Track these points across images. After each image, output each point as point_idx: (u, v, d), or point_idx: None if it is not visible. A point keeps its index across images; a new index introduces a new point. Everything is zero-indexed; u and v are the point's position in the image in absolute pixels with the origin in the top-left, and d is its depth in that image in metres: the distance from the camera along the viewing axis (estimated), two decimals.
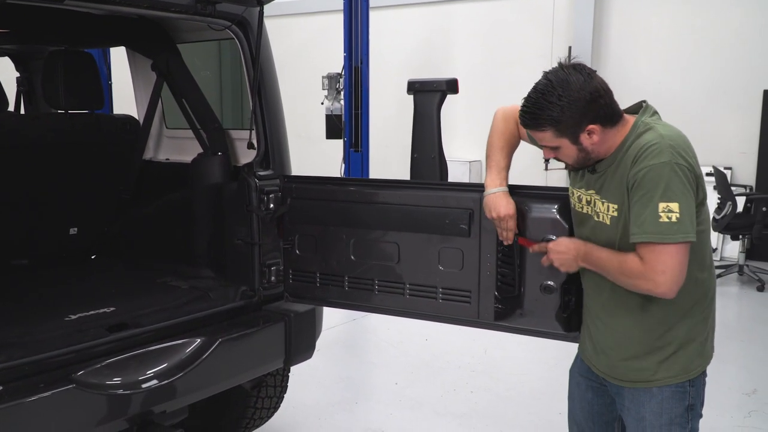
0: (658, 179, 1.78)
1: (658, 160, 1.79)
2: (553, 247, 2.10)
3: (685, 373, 1.99)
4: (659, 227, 1.77)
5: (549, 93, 1.85)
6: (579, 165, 2.00)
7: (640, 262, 1.82)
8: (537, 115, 1.89)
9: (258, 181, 2.96)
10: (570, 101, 1.83)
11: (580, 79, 1.84)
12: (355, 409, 4.21)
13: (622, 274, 1.88)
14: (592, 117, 1.86)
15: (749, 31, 8.07)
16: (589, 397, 2.25)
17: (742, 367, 4.97)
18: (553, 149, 1.96)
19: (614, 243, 1.96)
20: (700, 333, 2.01)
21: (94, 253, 3.89)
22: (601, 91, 1.87)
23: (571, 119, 1.86)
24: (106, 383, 2.36)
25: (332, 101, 8.66)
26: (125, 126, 3.78)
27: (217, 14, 2.85)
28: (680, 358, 1.98)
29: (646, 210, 1.79)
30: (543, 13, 9.27)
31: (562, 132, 1.89)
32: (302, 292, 3.02)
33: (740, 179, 8.28)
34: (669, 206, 1.76)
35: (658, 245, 1.78)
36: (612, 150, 1.94)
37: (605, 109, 1.88)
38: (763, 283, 6.90)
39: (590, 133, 1.88)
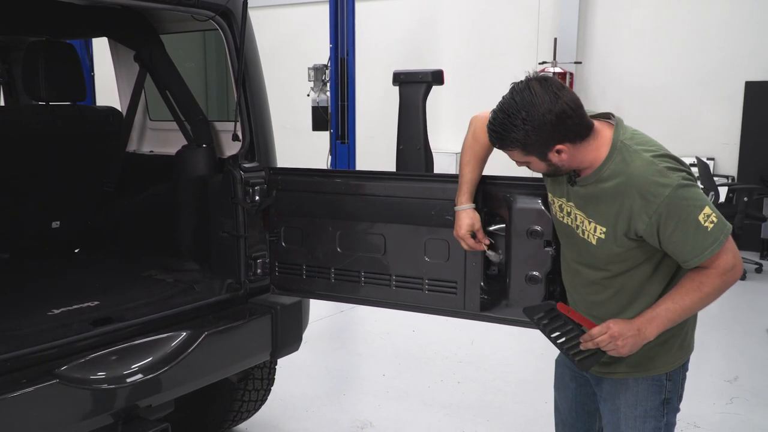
0: (683, 202, 1.78)
1: (669, 188, 1.78)
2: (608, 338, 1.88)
3: (662, 367, 2.00)
4: (710, 236, 1.78)
5: (513, 115, 1.80)
6: (551, 174, 1.99)
7: (712, 272, 1.82)
8: (503, 136, 1.84)
9: (243, 173, 2.94)
10: (535, 125, 1.78)
11: (546, 100, 1.77)
12: (342, 400, 4.22)
13: (708, 296, 1.85)
14: (560, 138, 1.82)
15: (731, 23, 8.13)
16: (572, 387, 2.26)
17: (724, 354, 5.02)
18: (524, 163, 1.94)
19: (600, 262, 1.95)
20: (679, 328, 1.99)
21: (77, 247, 3.85)
22: (569, 111, 1.79)
23: (537, 142, 1.82)
24: (90, 378, 2.34)
25: (318, 93, 8.63)
26: (108, 118, 3.75)
27: (201, 4, 2.82)
28: (657, 351, 1.98)
29: (689, 232, 1.78)
30: (528, 5, 9.27)
31: (529, 152, 1.86)
32: (288, 285, 3.01)
33: (722, 170, 8.35)
34: (705, 213, 1.78)
35: (717, 252, 1.81)
36: (594, 164, 1.89)
37: (573, 128, 1.82)
38: (745, 272, 6.98)
39: (559, 152, 1.85)
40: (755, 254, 7.72)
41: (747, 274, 6.97)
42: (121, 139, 3.76)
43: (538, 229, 2.32)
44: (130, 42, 3.57)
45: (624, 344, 1.85)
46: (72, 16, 3.34)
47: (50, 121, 3.50)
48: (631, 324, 1.86)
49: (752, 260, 7.32)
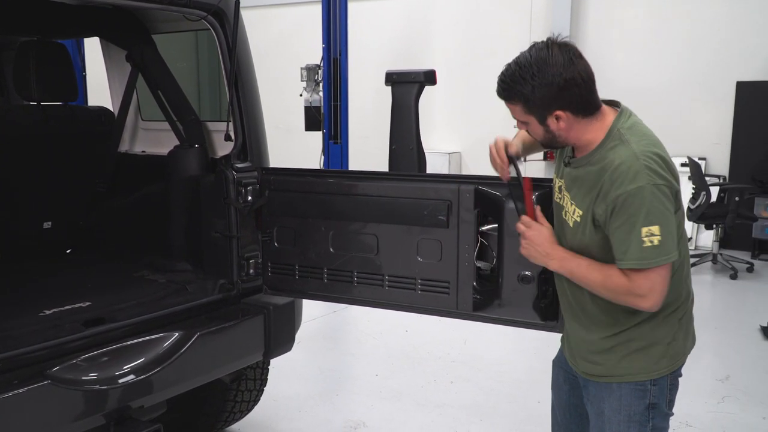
0: (639, 204, 1.77)
1: (635, 185, 1.77)
2: (528, 229, 2.02)
3: (646, 373, 1.96)
4: (643, 253, 1.77)
5: (525, 69, 1.81)
6: (547, 144, 1.98)
7: (626, 279, 1.82)
8: (510, 87, 1.86)
9: (235, 174, 2.94)
10: (542, 83, 1.79)
11: (560, 62, 1.79)
12: (335, 400, 4.22)
13: (606, 288, 1.86)
14: (562, 104, 1.82)
15: (723, 23, 8.17)
16: (565, 389, 2.26)
17: (716, 353, 5.05)
18: (523, 123, 1.94)
19: (573, 246, 1.97)
20: (665, 335, 1.96)
21: (69, 247, 3.83)
22: (579, 79, 1.81)
23: (540, 100, 1.83)
24: (82, 379, 2.34)
25: (311, 93, 8.61)
26: (100, 118, 3.74)
27: (193, 4, 2.82)
28: (641, 356, 1.96)
29: (630, 236, 1.78)
30: (521, 5, 9.29)
31: (530, 110, 1.87)
32: (281, 285, 3.01)
33: (714, 169, 8.39)
34: (651, 230, 1.76)
35: (643, 270, 1.79)
36: (590, 146, 1.90)
37: (578, 99, 1.83)
38: (736, 271, 7.01)
39: (558, 119, 1.85)
40: (746, 254, 7.76)
41: (738, 274, 7.00)
42: (113, 139, 3.75)
43: None
44: (121, 42, 3.56)
45: (528, 253, 2.02)
46: (64, 16, 3.33)
47: (42, 121, 3.48)
48: (547, 245, 1.98)
49: (743, 260, 7.36)
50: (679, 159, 8.46)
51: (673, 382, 2.01)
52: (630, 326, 1.95)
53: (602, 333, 1.98)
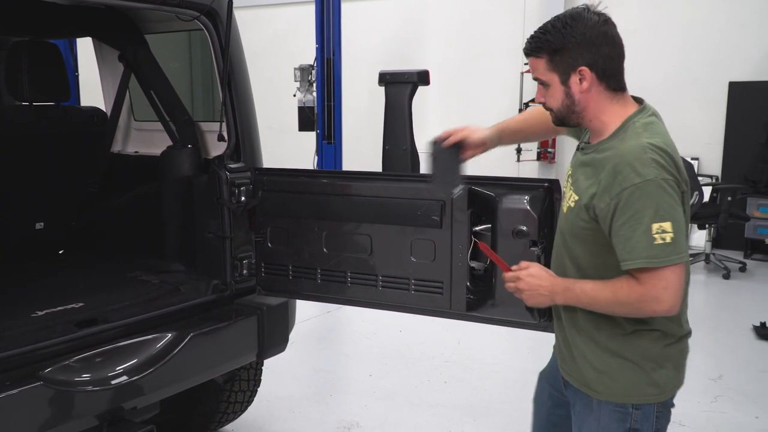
0: (646, 199, 1.66)
1: (642, 178, 1.66)
2: (518, 281, 1.86)
3: (626, 396, 1.84)
4: (653, 250, 1.65)
5: (559, 20, 1.77)
6: (561, 115, 1.87)
7: (636, 284, 1.69)
8: (539, 39, 1.79)
9: (229, 174, 2.93)
10: (574, 32, 1.73)
11: (595, 19, 1.74)
12: (329, 401, 4.21)
13: (618, 303, 1.73)
14: (589, 59, 1.75)
15: (715, 23, 8.20)
16: (548, 406, 2.17)
17: (709, 353, 5.06)
18: (544, 86, 1.85)
19: (567, 230, 1.88)
20: (648, 355, 1.82)
21: (61, 248, 3.82)
22: (611, 39, 1.75)
23: (568, 52, 1.75)
24: (74, 380, 2.33)
25: (304, 93, 8.61)
26: (92, 118, 3.72)
27: (186, 4, 2.81)
28: (621, 377, 1.83)
29: (636, 233, 1.66)
30: (514, 5, 9.31)
31: (555, 65, 1.78)
32: (275, 285, 3.01)
33: (706, 169, 8.43)
34: (662, 226, 1.64)
35: (655, 269, 1.66)
36: (603, 131, 1.83)
37: (606, 59, 1.76)
38: (728, 271, 7.04)
39: (581, 78, 1.76)
40: (739, 253, 7.79)
41: (731, 273, 7.03)
42: (106, 140, 3.74)
43: (524, 229, 2.33)
44: (114, 42, 3.55)
45: (528, 298, 1.86)
46: (56, 16, 3.32)
47: (34, 121, 3.47)
48: (545, 280, 1.84)
49: (736, 259, 7.39)
50: None
51: (661, 410, 1.87)
52: (613, 338, 1.84)
53: (594, 342, 1.88)
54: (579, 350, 1.92)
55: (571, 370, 1.97)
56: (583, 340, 1.90)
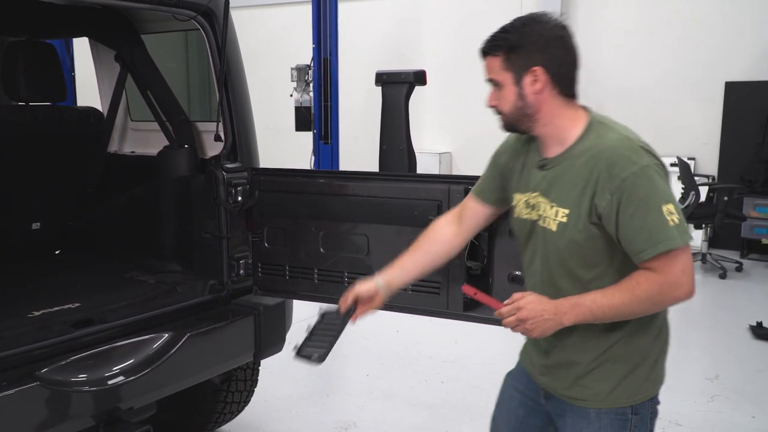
0: (649, 184, 1.63)
1: (639, 165, 1.64)
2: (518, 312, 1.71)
3: (628, 398, 1.81)
4: (670, 232, 1.61)
5: (518, 20, 1.78)
6: (513, 119, 1.82)
7: (654, 274, 1.64)
8: (497, 37, 1.78)
9: (225, 174, 2.93)
10: (531, 32, 1.73)
11: (552, 23, 1.75)
12: (326, 401, 4.21)
13: (637, 301, 1.66)
14: (544, 60, 1.73)
15: (712, 24, 8.22)
16: (519, 414, 2.07)
17: (705, 353, 5.08)
18: (497, 87, 1.81)
19: (562, 250, 1.77)
20: (648, 353, 1.83)
21: (58, 248, 3.82)
22: (567, 47, 1.75)
23: (524, 50, 1.73)
24: (71, 380, 2.32)
25: (301, 93, 8.61)
26: (89, 118, 3.72)
27: (182, 4, 2.81)
28: (627, 378, 1.81)
29: (647, 219, 1.62)
30: (511, 5, 9.31)
31: (511, 63, 1.75)
32: (271, 285, 3.01)
33: (703, 169, 8.44)
34: (669, 208, 1.62)
35: (673, 251, 1.62)
36: (564, 138, 1.78)
37: (560, 63, 1.75)
38: (725, 270, 7.06)
39: (535, 79, 1.73)
40: (735, 253, 7.81)
41: (728, 273, 7.04)
42: (102, 140, 3.73)
43: None
44: (110, 42, 3.54)
45: (533, 328, 1.69)
46: (52, 16, 3.31)
47: (30, 121, 3.46)
48: (547, 304, 1.70)
49: (733, 259, 7.40)
50: (669, 159, 8.50)
51: (653, 410, 1.87)
52: (616, 343, 1.80)
53: (591, 353, 1.82)
54: (577, 367, 1.85)
55: (563, 387, 1.89)
56: (583, 356, 1.84)
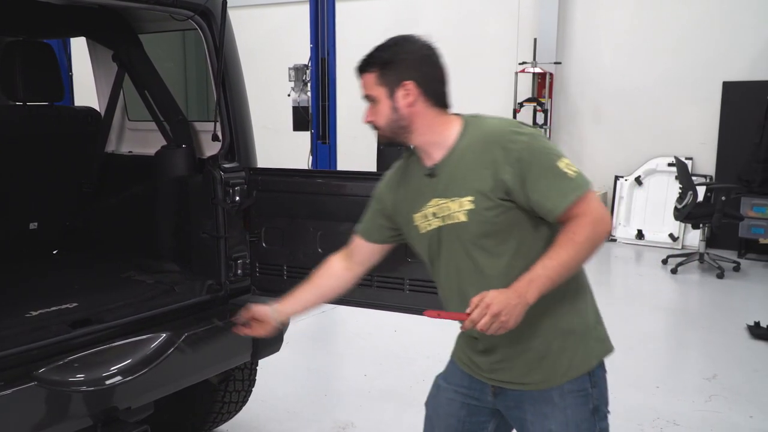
0: (541, 146, 1.79)
1: (526, 134, 1.80)
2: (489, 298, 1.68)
3: (587, 364, 1.90)
4: (574, 182, 1.75)
5: (390, 39, 1.90)
6: (390, 132, 1.91)
7: (582, 220, 1.73)
8: (371, 55, 1.90)
9: (223, 174, 2.93)
10: (402, 50, 1.86)
11: (422, 42, 1.89)
12: (324, 401, 4.21)
13: (583, 246, 1.73)
14: (414, 75, 1.84)
15: (709, 24, 8.23)
16: (461, 415, 2.07)
17: (703, 353, 5.09)
18: (372, 103, 1.90)
19: (477, 236, 1.82)
20: (588, 315, 1.95)
21: (55, 248, 3.81)
22: (434, 64, 1.89)
23: (395, 66, 1.85)
24: (68, 380, 2.32)
25: (299, 93, 8.59)
26: (86, 118, 3.71)
27: (180, 4, 2.81)
28: (579, 345, 1.90)
29: (552, 178, 1.75)
30: (508, 6, 9.32)
31: (384, 78, 1.86)
32: (269, 286, 3.01)
33: (701, 169, 8.46)
34: (564, 162, 1.77)
35: (582, 197, 1.75)
36: (445, 143, 1.88)
37: (429, 79, 1.87)
38: (722, 270, 7.07)
39: (407, 93, 1.84)
40: (733, 253, 7.82)
41: (725, 273, 7.05)
42: (100, 140, 3.73)
43: None
44: (108, 42, 3.54)
45: (508, 317, 1.67)
46: (49, 16, 3.31)
47: (27, 121, 3.46)
48: (509, 292, 1.69)
49: (730, 259, 7.41)
50: (666, 159, 8.54)
51: (604, 378, 1.97)
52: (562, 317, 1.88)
53: (541, 335, 1.88)
54: (532, 352, 1.89)
55: (520, 375, 1.92)
56: (535, 340, 1.88)
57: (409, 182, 1.98)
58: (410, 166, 1.99)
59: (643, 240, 8.60)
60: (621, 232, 8.79)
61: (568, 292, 1.88)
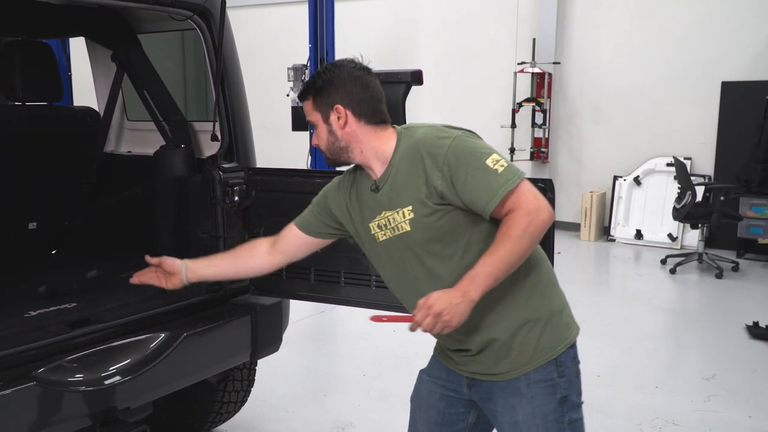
0: (465, 147, 1.81)
1: (449, 138, 1.83)
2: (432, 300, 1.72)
3: (552, 349, 1.92)
4: (502, 177, 1.76)
5: (323, 67, 2.01)
6: (331, 154, 2.00)
7: (516, 213, 1.76)
8: (306, 83, 2.00)
9: (222, 174, 2.93)
10: (331, 76, 1.94)
11: (352, 66, 1.96)
12: (323, 401, 4.21)
13: (519, 240, 1.74)
14: (343, 98, 1.92)
15: (708, 24, 8.23)
16: (441, 407, 2.13)
17: (702, 352, 5.09)
18: (314, 128, 2.01)
19: (424, 243, 1.88)
20: (553, 300, 1.98)
21: (54, 248, 3.81)
22: (364, 82, 1.93)
23: (326, 92, 1.93)
24: (67, 380, 2.32)
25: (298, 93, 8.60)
26: (85, 118, 3.71)
27: (179, 4, 2.81)
28: (543, 331, 1.92)
29: (480, 176, 1.77)
30: (507, 6, 9.32)
31: (318, 105, 1.96)
32: (268, 285, 3.01)
33: (699, 169, 8.46)
34: (493, 158, 1.79)
35: (512, 191, 1.76)
36: (385, 159, 1.94)
37: (359, 98, 1.92)
38: (721, 270, 7.07)
39: (339, 116, 1.93)
40: (732, 253, 7.83)
41: (724, 273, 7.06)
42: (99, 140, 3.73)
43: None
44: (107, 42, 3.54)
45: (451, 317, 1.70)
46: (49, 16, 3.31)
47: (26, 121, 3.46)
48: (451, 292, 1.73)
49: (729, 259, 7.42)
50: (665, 159, 8.55)
51: (575, 368, 1.98)
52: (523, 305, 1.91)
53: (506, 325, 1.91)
54: (498, 342, 1.92)
55: (489, 366, 1.95)
56: (500, 331, 1.91)
57: (360, 193, 2.04)
58: (360, 178, 2.05)
59: (642, 240, 8.61)
60: (620, 232, 8.80)
61: (528, 282, 1.92)
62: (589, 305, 5.92)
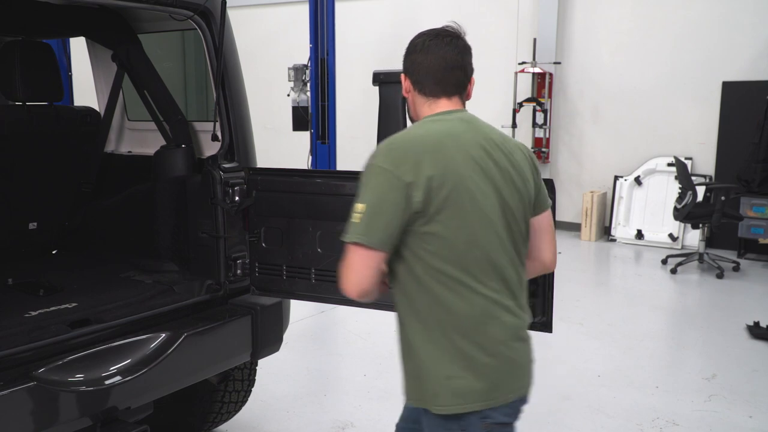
0: (364, 180, 1.78)
1: (368, 163, 1.80)
2: None
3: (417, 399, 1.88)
4: (350, 227, 1.75)
5: None
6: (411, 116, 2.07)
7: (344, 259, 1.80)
8: None
9: (222, 174, 2.93)
10: (408, 44, 2.01)
11: (426, 32, 1.98)
12: (323, 401, 4.21)
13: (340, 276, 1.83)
14: (406, 66, 1.99)
15: (708, 24, 8.23)
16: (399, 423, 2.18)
17: (702, 352, 5.09)
18: None
19: None
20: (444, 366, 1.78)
21: (54, 248, 3.81)
22: (425, 50, 1.93)
23: (403, 60, 2.01)
24: (68, 380, 2.32)
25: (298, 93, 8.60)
26: (85, 118, 3.71)
27: (179, 4, 2.81)
28: (415, 382, 1.87)
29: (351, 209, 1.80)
30: (508, 6, 9.32)
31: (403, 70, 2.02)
32: (269, 285, 3.00)
33: (700, 169, 8.46)
34: (358, 206, 1.75)
35: (348, 244, 1.76)
36: None
37: (416, 67, 1.95)
38: (722, 270, 7.07)
39: (405, 81, 2.01)
40: (732, 253, 7.83)
41: (725, 273, 7.06)
42: (99, 140, 3.73)
43: None
44: (107, 42, 3.54)
45: None
46: (49, 16, 3.31)
47: (27, 121, 3.46)
48: None
49: (729, 259, 7.42)
50: (666, 159, 8.55)
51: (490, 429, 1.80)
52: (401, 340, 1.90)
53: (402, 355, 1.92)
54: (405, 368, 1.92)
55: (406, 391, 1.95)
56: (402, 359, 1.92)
57: None
58: None
59: (643, 240, 8.61)
60: (620, 232, 8.80)
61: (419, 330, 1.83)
62: (590, 305, 5.93)
